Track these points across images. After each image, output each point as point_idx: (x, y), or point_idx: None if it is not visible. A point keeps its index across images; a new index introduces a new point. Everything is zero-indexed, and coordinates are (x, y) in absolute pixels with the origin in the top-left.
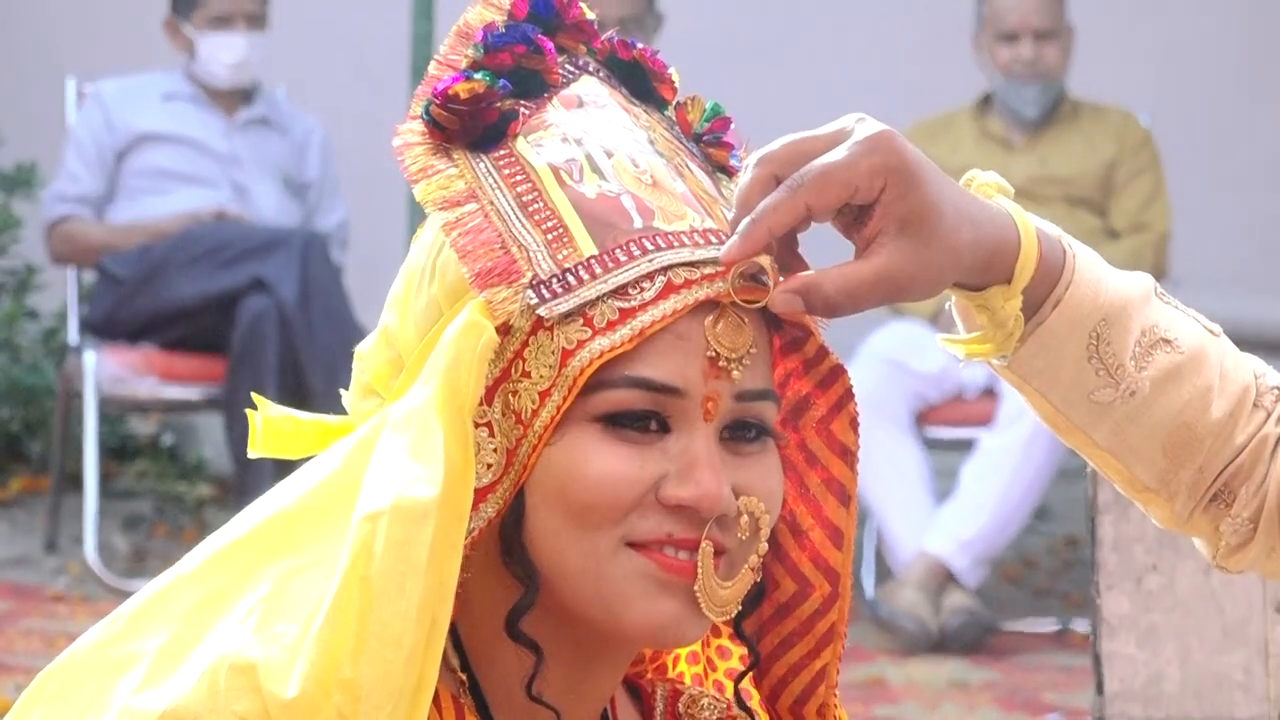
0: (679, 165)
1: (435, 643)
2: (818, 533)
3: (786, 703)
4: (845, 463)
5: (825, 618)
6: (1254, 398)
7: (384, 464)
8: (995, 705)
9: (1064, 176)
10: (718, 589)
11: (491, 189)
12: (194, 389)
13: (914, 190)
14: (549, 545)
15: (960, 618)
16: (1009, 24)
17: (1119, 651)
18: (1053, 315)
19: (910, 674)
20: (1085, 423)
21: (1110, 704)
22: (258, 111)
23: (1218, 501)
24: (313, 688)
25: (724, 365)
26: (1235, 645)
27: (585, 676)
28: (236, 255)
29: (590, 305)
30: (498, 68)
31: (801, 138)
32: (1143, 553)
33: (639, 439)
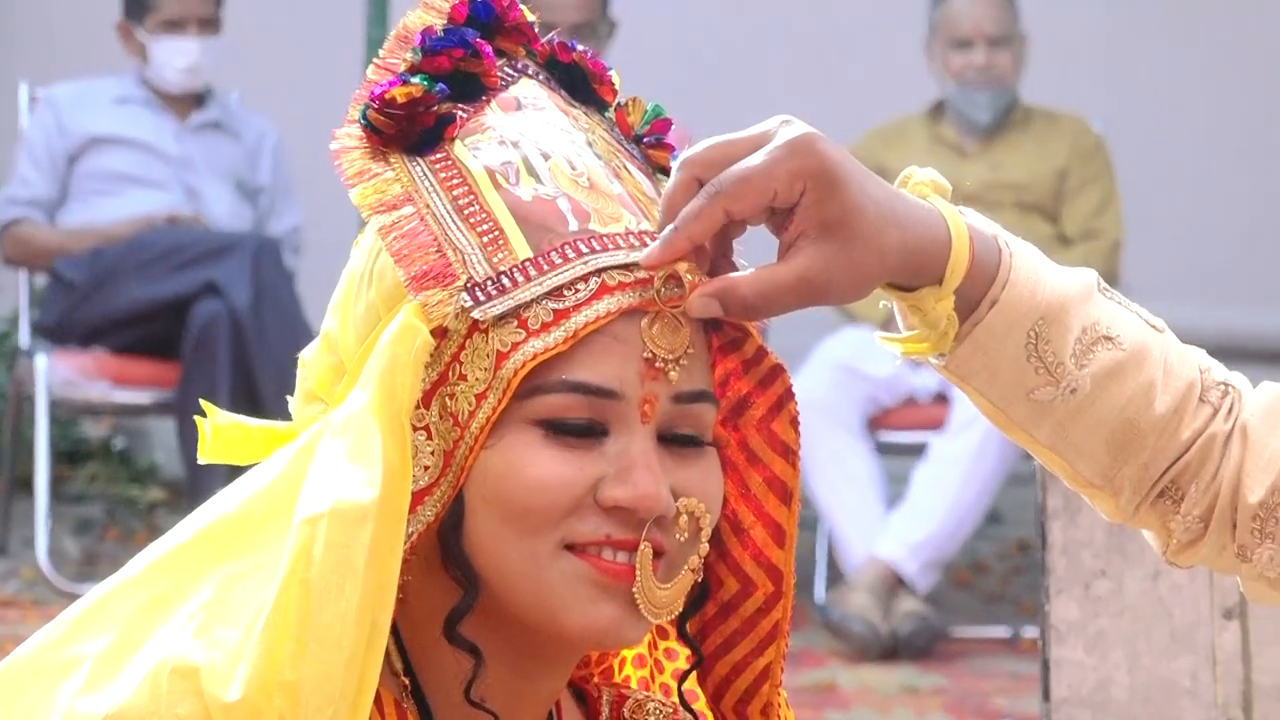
0: (617, 167)
1: (376, 645)
2: (760, 531)
3: (731, 702)
4: (787, 461)
5: (768, 616)
6: (1199, 393)
7: (323, 468)
8: (945, 711)
9: (1016, 183)
10: (656, 590)
11: (428, 192)
12: (146, 393)
13: (834, 194)
14: (488, 549)
15: (911, 623)
16: (962, 30)
17: (1067, 657)
18: (990, 315)
19: (861, 679)
20: (1026, 421)
21: (1058, 710)
22: (210, 115)
23: (1165, 498)
24: (254, 691)
25: (660, 366)
26: (1183, 651)
27: (527, 680)
28: (189, 260)
29: (525, 308)
30: (435, 71)
31: (724, 140)
32: (1091, 558)
33: (576, 442)
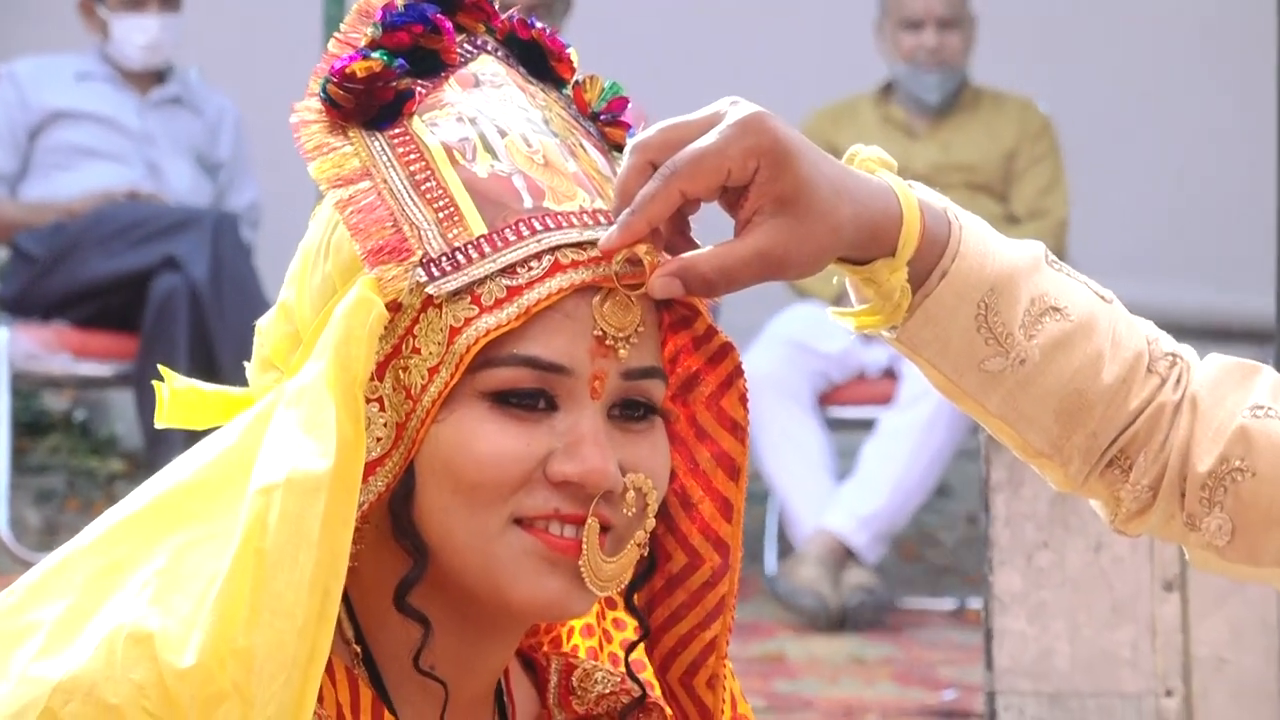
0: (573, 145)
1: (328, 613)
2: (708, 506)
3: (677, 674)
4: (735, 437)
5: (715, 589)
6: (1147, 364)
7: (278, 438)
8: (893, 681)
9: (965, 163)
10: (603, 564)
11: (385, 167)
12: (106, 366)
13: (787, 170)
14: (438, 521)
15: (860, 594)
16: (913, 12)
17: (1010, 627)
18: (940, 286)
19: (810, 650)
20: (976, 391)
21: (1000, 679)
22: (171, 91)
23: (1114, 467)
24: (208, 657)
25: (611, 344)
26: (1123, 622)
27: (475, 649)
28: (149, 234)
29: (478, 284)
30: (395, 47)
31: (675, 123)
32: (1034, 530)
33: (526, 416)
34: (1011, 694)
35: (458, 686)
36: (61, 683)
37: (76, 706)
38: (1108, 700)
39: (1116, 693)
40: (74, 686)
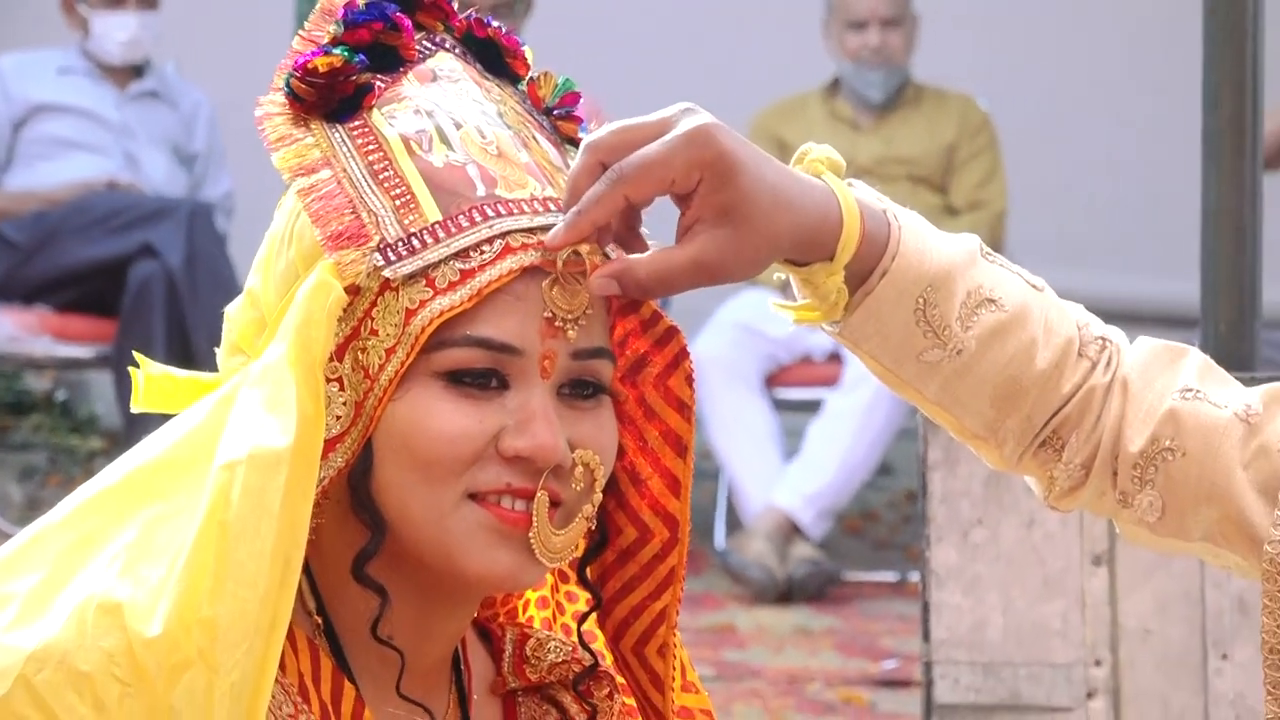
0: (526, 137)
1: (289, 583)
2: (656, 482)
3: (629, 643)
4: (682, 416)
5: (665, 562)
6: (1078, 348)
7: (242, 416)
8: (836, 651)
9: (908, 157)
10: (552, 537)
11: (345, 157)
12: (86, 348)
13: (730, 183)
14: (395, 496)
15: (805, 568)
16: (857, 12)
17: (946, 601)
18: (880, 285)
19: (758, 620)
20: (916, 380)
21: (937, 650)
22: (148, 85)
23: (1047, 447)
24: (174, 626)
25: (560, 325)
26: (1054, 595)
27: (432, 619)
28: (127, 222)
29: (433, 267)
30: (356, 43)
31: (628, 126)
32: (969, 507)
33: (479, 395)
34: (947, 664)
35: (415, 655)
36: (35, 652)
37: (49, 674)
38: (1039, 669)
39: (1047, 662)
40: (46, 655)
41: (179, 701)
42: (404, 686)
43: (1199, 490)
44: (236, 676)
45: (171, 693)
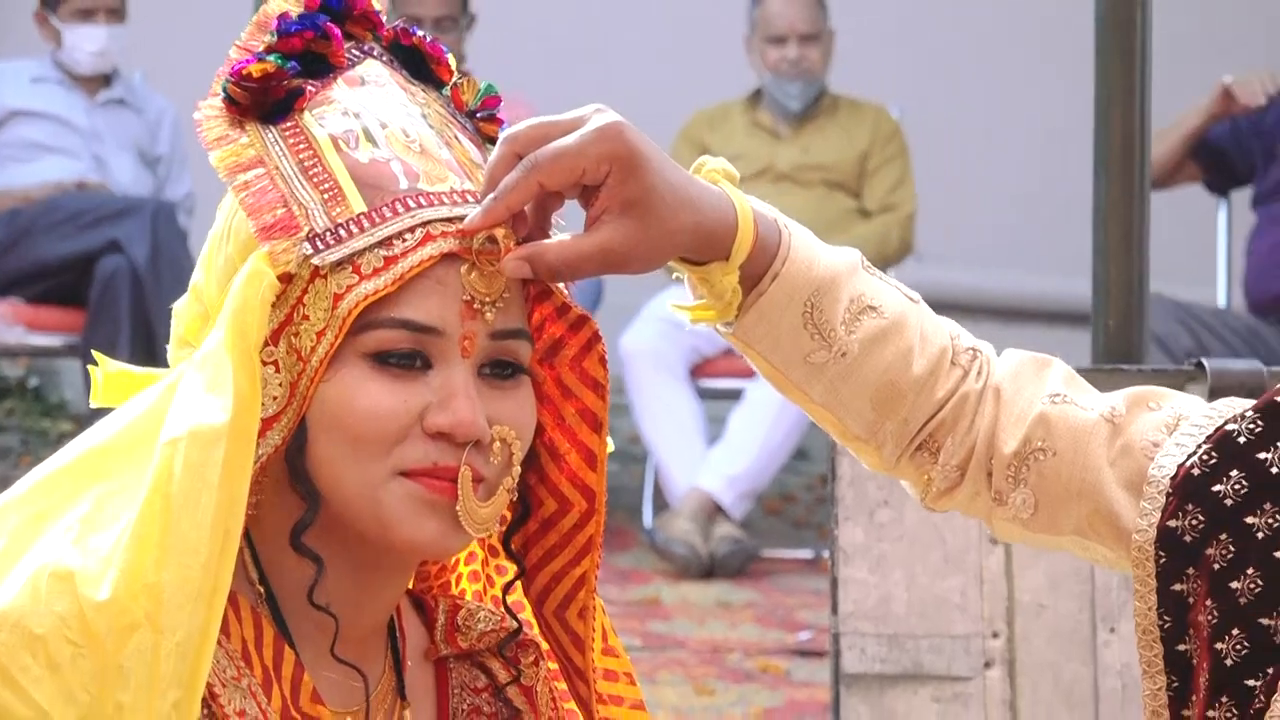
0: (448, 136)
1: (229, 551)
2: (574, 456)
3: (551, 607)
4: (596, 394)
5: (584, 530)
6: (951, 357)
7: (184, 398)
8: (755, 623)
9: (824, 163)
10: (477, 509)
11: (278, 156)
12: (56, 338)
13: (635, 177)
14: (328, 470)
15: (727, 545)
16: (777, 28)
17: (853, 576)
18: (771, 287)
19: (683, 595)
20: (802, 381)
21: (845, 622)
22: (116, 93)
23: (923, 450)
24: (122, 591)
25: (478, 308)
26: (954, 572)
27: (367, 587)
28: (95, 220)
29: (358, 255)
30: (288, 51)
31: (544, 121)
32: (875, 489)
33: (404, 374)
34: (854, 635)
35: (351, 621)
36: None
37: (5, 636)
38: (940, 641)
39: (948, 634)
40: (3, 620)
41: (127, 661)
42: (341, 651)
43: (1069, 487)
44: (181, 637)
45: (120, 653)
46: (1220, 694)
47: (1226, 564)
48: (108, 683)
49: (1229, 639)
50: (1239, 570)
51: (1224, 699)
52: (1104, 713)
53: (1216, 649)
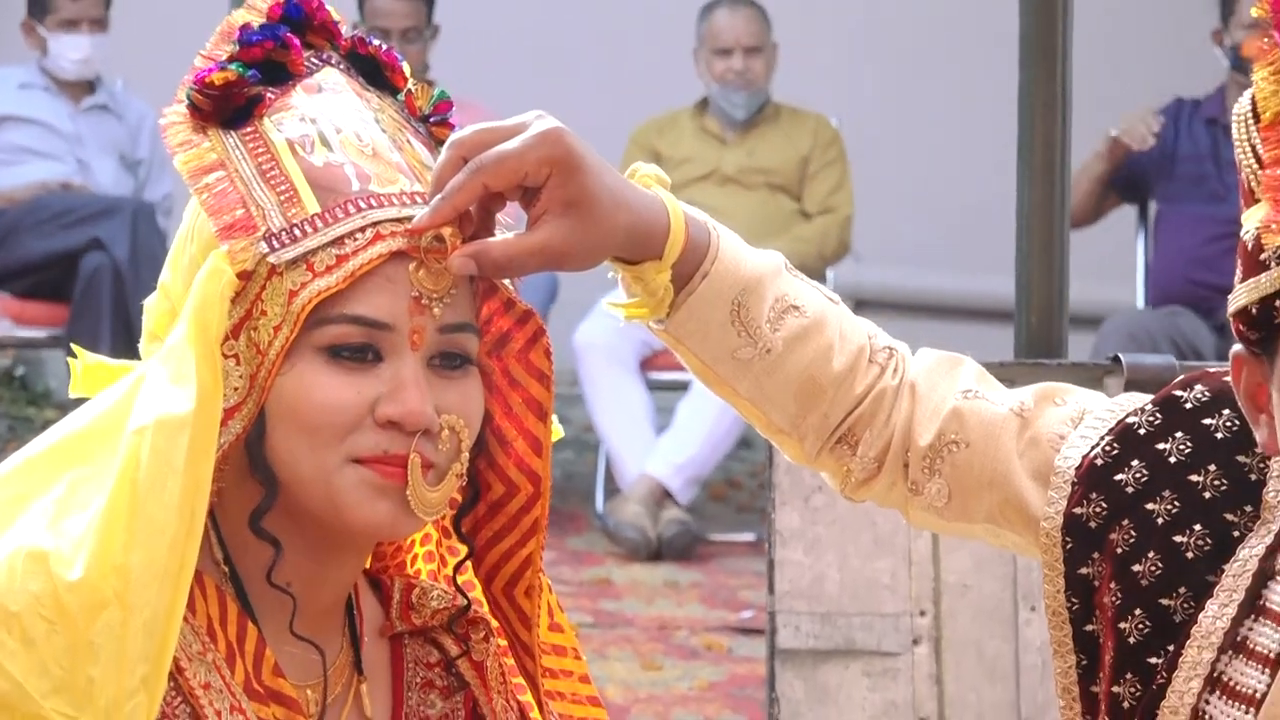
0: (400, 141)
1: (194, 533)
2: (521, 443)
3: (499, 586)
4: (542, 385)
5: (530, 513)
6: (869, 355)
7: (150, 389)
8: (700, 602)
9: (767, 167)
10: (427, 493)
11: (238, 160)
12: (41, 330)
13: (574, 180)
14: (286, 458)
15: (674, 529)
16: (723, 41)
17: (789, 558)
18: (701, 286)
19: (632, 575)
20: (729, 376)
21: (781, 601)
22: (99, 99)
23: (843, 443)
24: (93, 571)
25: (426, 303)
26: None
27: (324, 566)
28: (78, 219)
29: (312, 254)
30: (249, 60)
31: (488, 127)
32: (810, 476)
33: (356, 367)
34: (790, 613)
35: (310, 599)
36: None
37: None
38: (870, 619)
39: (878, 613)
40: None
41: (98, 637)
42: (301, 627)
43: (981, 477)
44: (148, 615)
45: (91, 629)
46: (1125, 671)
47: (1129, 548)
48: (79, 657)
49: (1132, 619)
50: (1140, 554)
51: (1128, 675)
52: (1024, 686)
53: (1120, 628)
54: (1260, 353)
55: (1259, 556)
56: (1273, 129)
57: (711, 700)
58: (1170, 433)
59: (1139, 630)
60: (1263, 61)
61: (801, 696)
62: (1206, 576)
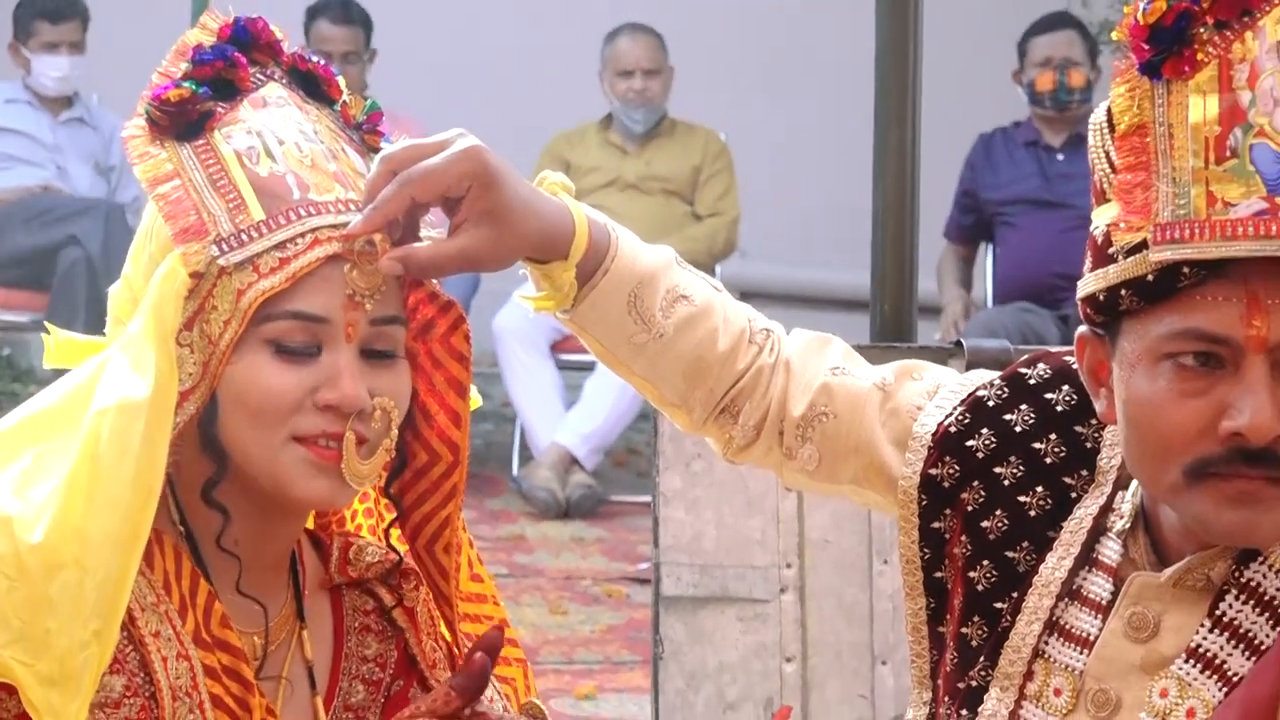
0: (336, 150)
1: (148, 504)
2: (443, 417)
3: (423, 543)
4: (462, 366)
5: (450, 479)
6: (749, 337)
7: (111, 376)
8: (602, 555)
9: (664, 176)
10: (359, 466)
11: (191, 170)
12: (25, 315)
13: (491, 192)
14: (234, 437)
15: (580, 491)
16: (624, 64)
17: (672, 516)
18: (602, 281)
19: (543, 532)
20: (627, 358)
21: (665, 554)
22: (76, 113)
23: (726, 414)
24: (53, 535)
25: (359, 300)
26: (756, 513)
27: (268, 529)
28: (57, 218)
29: (258, 256)
30: (201, 78)
31: (416, 144)
32: (691, 444)
33: (297, 358)
34: (672, 565)
35: (257, 557)
36: None
37: None
38: (743, 570)
39: (750, 565)
40: None
41: (56, 594)
42: (249, 581)
43: (848, 444)
44: (102, 576)
45: (50, 587)
46: (973, 614)
47: (978, 506)
48: (38, 611)
49: (980, 569)
50: (989, 512)
51: (976, 619)
52: (877, 629)
53: (970, 577)
54: (1104, 334)
55: (1093, 515)
56: (1126, 139)
57: (611, 642)
58: (1016, 405)
59: (987, 579)
60: (1120, 80)
61: (683, 638)
62: (1047, 532)
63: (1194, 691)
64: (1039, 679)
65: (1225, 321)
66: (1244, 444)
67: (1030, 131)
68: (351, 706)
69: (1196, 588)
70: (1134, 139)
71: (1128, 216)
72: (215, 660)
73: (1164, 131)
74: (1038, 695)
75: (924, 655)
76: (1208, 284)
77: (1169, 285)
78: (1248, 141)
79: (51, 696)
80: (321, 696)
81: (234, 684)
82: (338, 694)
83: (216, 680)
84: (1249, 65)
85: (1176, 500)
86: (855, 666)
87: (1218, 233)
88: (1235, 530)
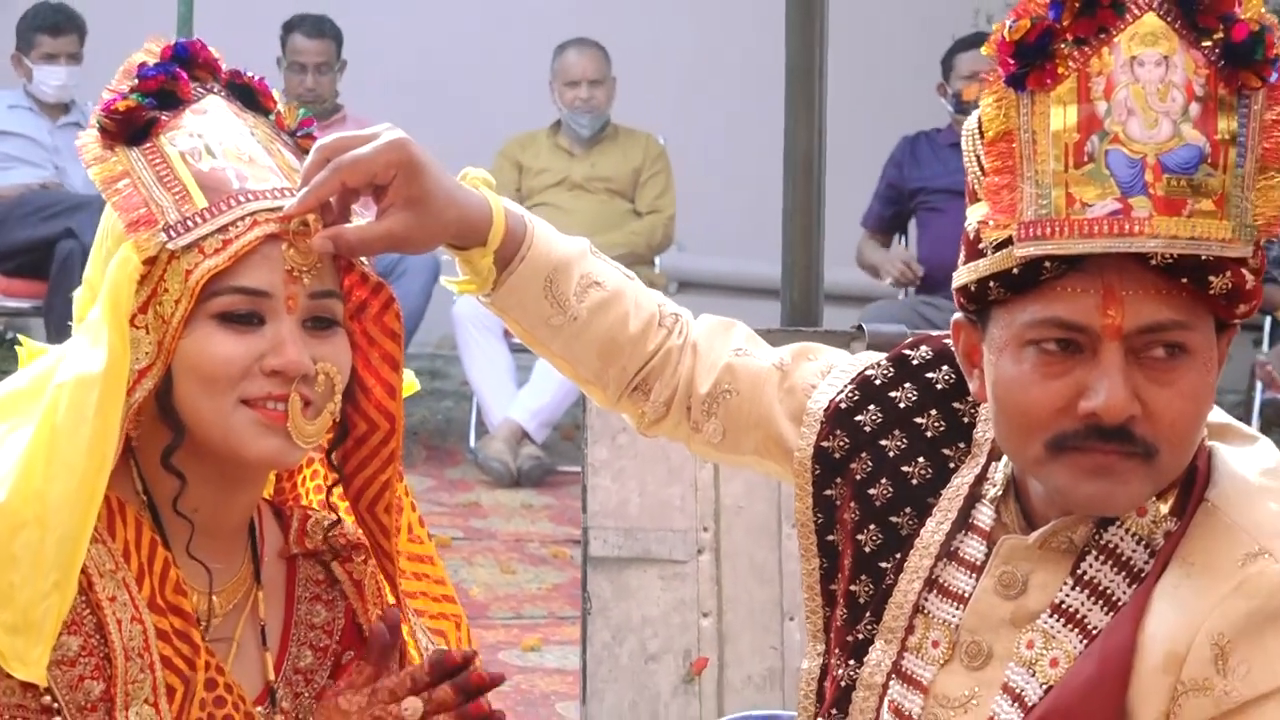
0: (272, 150)
1: (103, 469)
2: (379, 390)
3: (364, 505)
4: (395, 343)
5: (387, 446)
6: (658, 320)
7: (71, 354)
8: (549, 521)
9: (607, 176)
10: (305, 426)
11: (140, 170)
12: (26, 302)
13: (414, 180)
14: (190, 406)
15: (531, 462)
16: (572, 74)
17: (600, 485)
18: (520, 267)
19: (496, 499)
20: (545, 339)
21: (593, 519)
22: (73, 118)
23: (638, 392)
24: (15, 497)
25: (297, 275)
26: (676, 482)
27: (226, 495)
28: (55, 213)
29: (203, 239)
30: (147, 90)
31: (348, 135)
32: (617, 419)
33: (243, 329)
34: (600, 529)
35: (216, 521)
36: None
37: None
38: (664, 534)
39: (670, 529)
40: None
41: (18, 550)
42: (209, 547)
43: (749, 419)
44: (61, 534)
45: (13, 544)
46: (860, 573)
47: (866, 475)
48: (3, 567)
49: (867, 532)
50: (875, 480)
51: (863, 577)
52: (786, 588)
53: (858, 539)
54: (976, 321)
55: (969, 484)
56: (994, 144)
57: (555, 598)
58: (901, 383)
59: (873, 541)
60: (988, 91)
61: (609, 595)
62: (928, 499)
63: (1058, 643)
64: (919, 632)
65: (1083, 311)
66: (1099, 422)
67: (953, 135)
68: (300, 670)
69: (1061, 549)
70: (1001, 144)
71: (995, 215)
72: (167, 624)
73: (1028, 138)
74: (918, 647)
75: (818, 611)
76: (1067, 277)
77: (1032, 278)
78: (1103, 147)
79: (16, 643)
80: (273, 656)
81: (184, 645)
82: (287, 657)
83: (167, 642)
84: (1105, 78)
85: (1039, 472)
86: (766, 621)
87: (1076, 230)
88: (1093, 500)
